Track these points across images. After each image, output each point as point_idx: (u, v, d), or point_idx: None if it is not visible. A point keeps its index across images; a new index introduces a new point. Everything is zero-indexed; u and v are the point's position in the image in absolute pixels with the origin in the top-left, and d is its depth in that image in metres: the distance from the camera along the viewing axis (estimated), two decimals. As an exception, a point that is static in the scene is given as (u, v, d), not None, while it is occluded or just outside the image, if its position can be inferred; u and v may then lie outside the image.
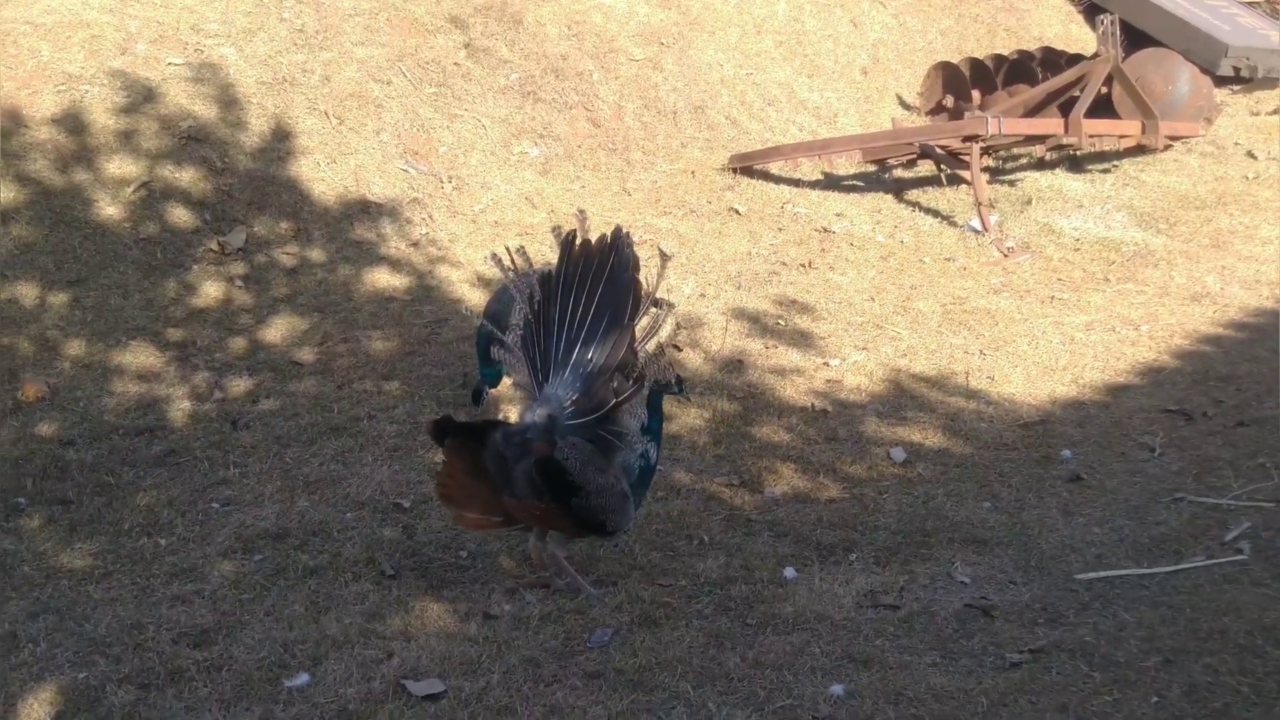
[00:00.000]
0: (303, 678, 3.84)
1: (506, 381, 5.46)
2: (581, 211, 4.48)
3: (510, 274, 4.32)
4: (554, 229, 4.45)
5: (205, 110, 8.20)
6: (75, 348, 6.34)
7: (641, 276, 4.27)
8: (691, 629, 4.08)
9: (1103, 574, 4.42)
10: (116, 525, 4.88)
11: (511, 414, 5.65)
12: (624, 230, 4.28)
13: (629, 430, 4.26)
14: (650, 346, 4.29)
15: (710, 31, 10.99)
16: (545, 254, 7.91)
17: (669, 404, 5.80)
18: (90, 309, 6.69)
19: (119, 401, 5.91)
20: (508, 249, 4.44)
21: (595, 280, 4.17)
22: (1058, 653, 3.91)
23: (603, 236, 4.25)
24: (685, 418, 5.80)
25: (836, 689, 3.73)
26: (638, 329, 4.25)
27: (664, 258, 4.37)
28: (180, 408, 5.88)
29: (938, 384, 6.31)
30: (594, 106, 9.90)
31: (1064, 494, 5.14)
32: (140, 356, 6.32)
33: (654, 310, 4.27)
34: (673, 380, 4.39)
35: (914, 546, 4.69)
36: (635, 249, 4.29)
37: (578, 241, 4.27)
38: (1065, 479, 5.27)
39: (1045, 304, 7.46)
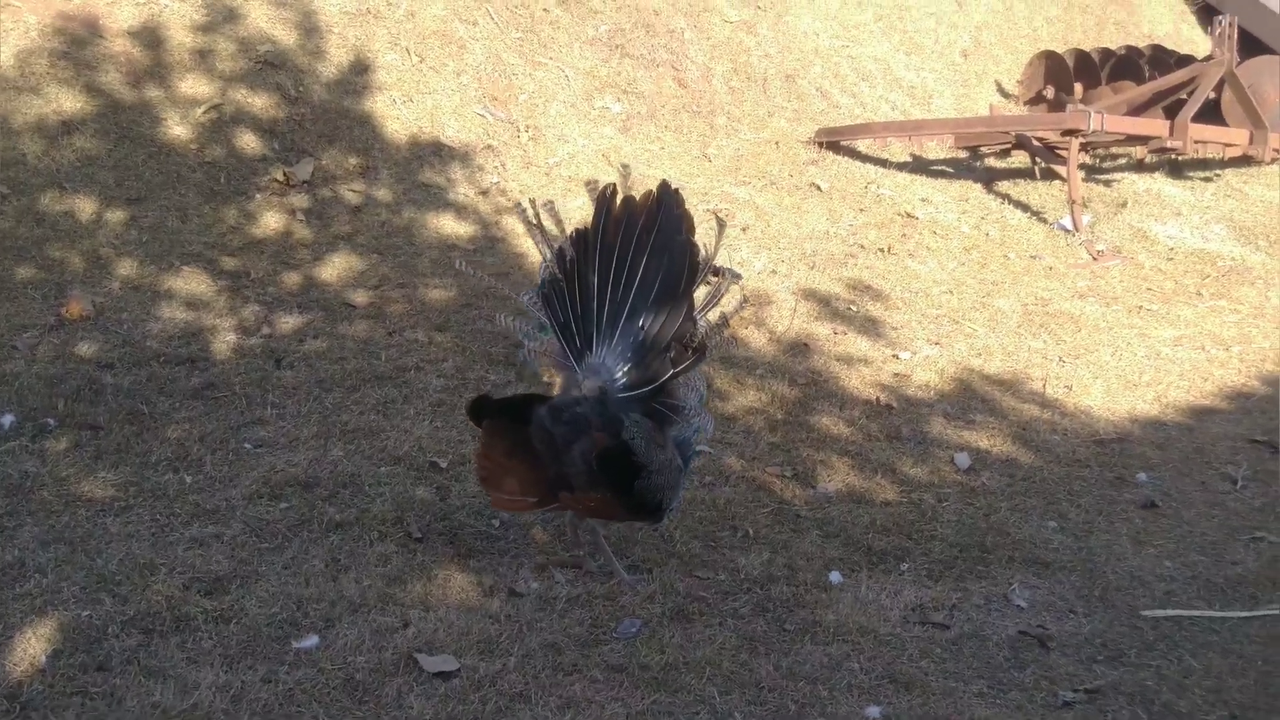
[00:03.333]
0: (312, 640, 3.65)
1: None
2: (625, 166, 4.19)
3: (536, 231, 4.05)
4: (588, 183, 4.17)
5: (285, 36, 8.02)
6: (126, 268, 6.19)
7: (698, 240, 3.96)
8: (725, 629, 3.84)
9: (1171, 612, 4.12)
10: (144, 456, 4.70)
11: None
12: (672, 187, 3.95)
13: (686, 404, 4.00)
14: (712, 316, 3.99)
15: (809, -1, 10.66)
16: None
17: (726, 382, 5.62)
18: (147, 229, 6.53)
19: (164, 327, 5.74)
20: (532, 201, 4.15)
21: (642, 242, 3.86)
22: (1115, 695, 3.63)
23: (648, 194, 3.91)
24: (743, 399, 5.55)
25: (873, 711, 3.47)
26: (696, 296, 3.94)
27: (720, 224, 4.07)
28: (225, 340, 5.70)
29: (1011, 388, 6.00)
30: (682, 66, 9.62)
31: (1136, 521, 4.83)
32: (191, 283, 6.16)
33: (713, 279, 3.97)
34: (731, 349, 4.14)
35: (970, 562, 4.41)
36: (687, 208, 3.94)
37: (619, 199, 3.95)
38: (1139, 504, 4.96)
39: (1132, 313, 7.10)
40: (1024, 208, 8.61)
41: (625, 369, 3.90)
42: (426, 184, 7.57)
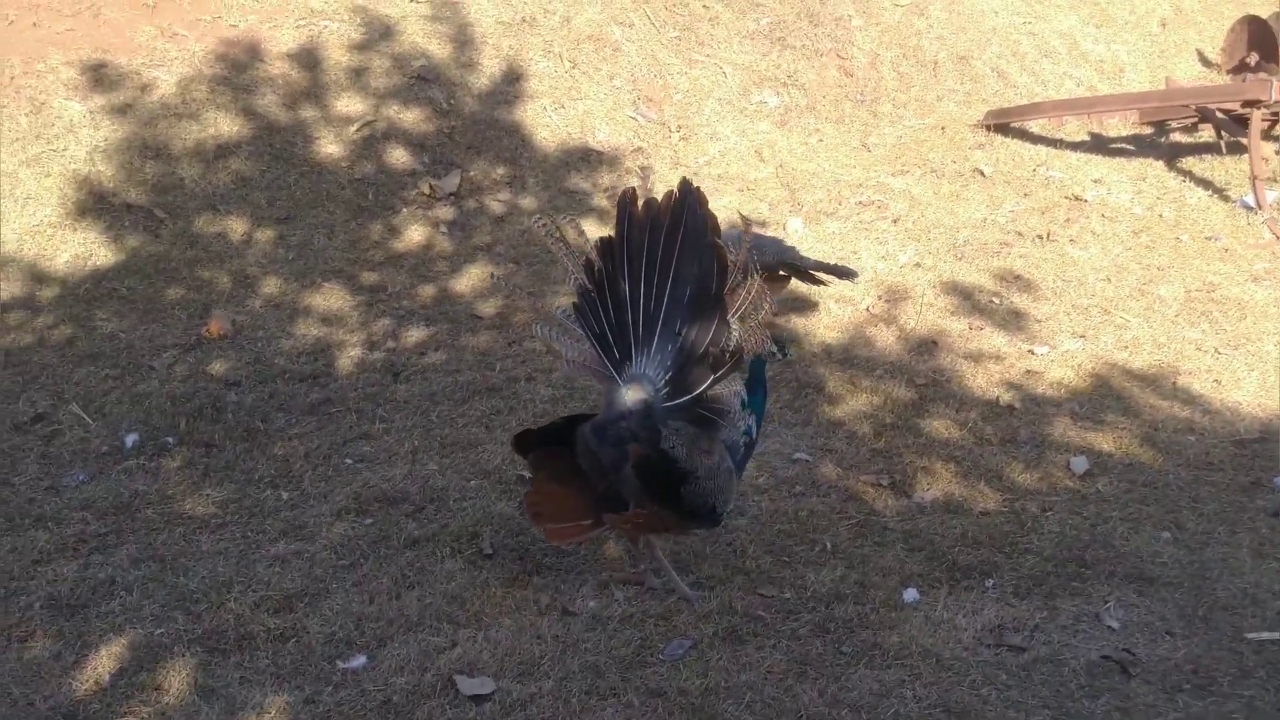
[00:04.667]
0: (360, 659, 3.69)
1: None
2: (644, 168, 4.05)
3: (559, 245, 3.95)
4: (606, 190, 4.04)
5: (439, 50, 8.18)
6: (271, 285, 6.42)
7: (724, 242, 3.77)
8: (778, 651, 3.70)
9: (1278, 635, 3.76)
10: (249, 474, 4.86)
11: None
12: (693, 186, 3.79)
13: (730, 407, 3.86)
14: (748, 320, 3.78)
15: (988, -25, 10.23)
16: (764, 211, 7.56)
17: (838, 384, 5.43)
18: (294, 247, 6.77)
19: (295, 344, 5.92)
20: (552, 219, 4.02)
21: (670, 245, 3.72)
22: (1193, 729, 3.34)
23: (669, 194, 3.77)
24: (853, 403, 5.35)
25: (914, 743, 3.30)
26: (728, 298, 3.74)
27: (746, 223, 3.91)
28: (350, 355, 5.84)
29: (1153, 384, 5.60)
30: (848, 54, 9.38)
31: (1263, 530, 4.43)
32: (330, 299, 6.34)
33: (744, 280, 3.78)
34: (772, 348, 3.97)
35: (1065, 577, 4.12)
36: (710, 208, 3.75)
37: (640, 202, 3.83)
38: (1269, 512, 4.55)
39: (1310, 298, 6.55)
40: (1207, 185, 8.04)
41: (667, 378, 3.78)
42: (572, 190, 7.59)
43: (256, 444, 5.09)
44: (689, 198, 3.73)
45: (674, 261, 3.72)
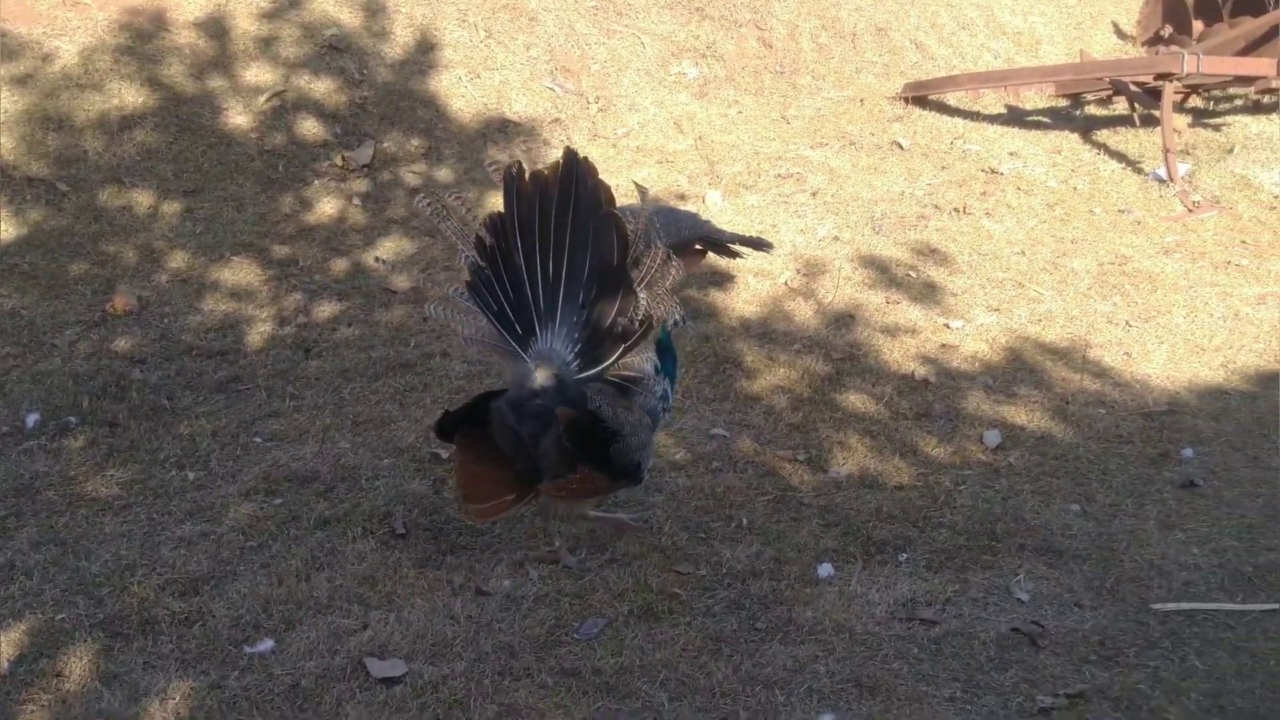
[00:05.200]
0: (268, 643, 3.62)
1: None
2: (495, 163, 3.99)
3: (446, 224, 3.91)
4: (489, 164, 4.01)
5: (351, 18, 8.04)
6: (178, 260, 6.27)
7: (619, 211, 3.72)
8: (692, 629, 3.69)
9: (1184, 606, 3.81)
10: (154, 454, 4.74)
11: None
12: (581, 155, 3.75)
13: (644, 374, 3.86)
14: (655, 288, 3.76)
15: (906, -55, 10.23)
16: (683, 184, 7.51)
17: (756, 359, 5.42)
18: (202, 220, 6.61)
19: (203, 320, 5.79)
20: (437, 197, 3.97)
21: (561, 217, 3.70)
22: (1100, 700, 3.37)
23: (555, 165, 3.74)
24: (771, 377, 5.34)
25: (826, 719, 3.29)
26: (631, 268, 3.72)
27: (642, 192, 3.91)
28: (260, 331, 5.73)
29: (1065, 357, 5.65)
30: (767, 25, 9.34)
31: (1170, 502, 4.49)
32: (239, 274, 6.21)
33: (647, 248, 3.75)
34: (677, 316, 3.97)
35: (976, 551, 4.15)
36: (600, 177, 3.72)
37: (526, 175, 3.79)
38: (1177, 484, 4.61)
39: (1219, 270, 6.62)
40: (1121, 157, 8.12)
41: (576, 350, 3.76)
42: (489, 162, 7.50)
43: (162, 423, 4.97)
44: (576, 168, 3.69)
45: (568, 233, 3.70)
